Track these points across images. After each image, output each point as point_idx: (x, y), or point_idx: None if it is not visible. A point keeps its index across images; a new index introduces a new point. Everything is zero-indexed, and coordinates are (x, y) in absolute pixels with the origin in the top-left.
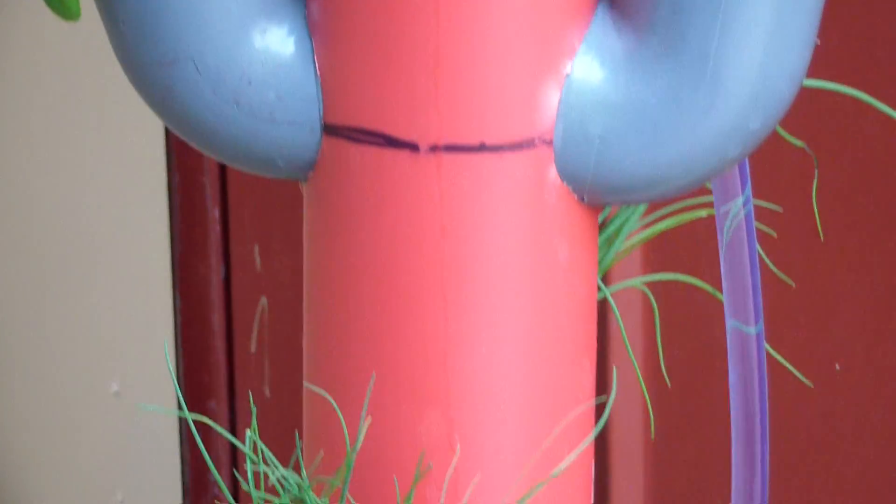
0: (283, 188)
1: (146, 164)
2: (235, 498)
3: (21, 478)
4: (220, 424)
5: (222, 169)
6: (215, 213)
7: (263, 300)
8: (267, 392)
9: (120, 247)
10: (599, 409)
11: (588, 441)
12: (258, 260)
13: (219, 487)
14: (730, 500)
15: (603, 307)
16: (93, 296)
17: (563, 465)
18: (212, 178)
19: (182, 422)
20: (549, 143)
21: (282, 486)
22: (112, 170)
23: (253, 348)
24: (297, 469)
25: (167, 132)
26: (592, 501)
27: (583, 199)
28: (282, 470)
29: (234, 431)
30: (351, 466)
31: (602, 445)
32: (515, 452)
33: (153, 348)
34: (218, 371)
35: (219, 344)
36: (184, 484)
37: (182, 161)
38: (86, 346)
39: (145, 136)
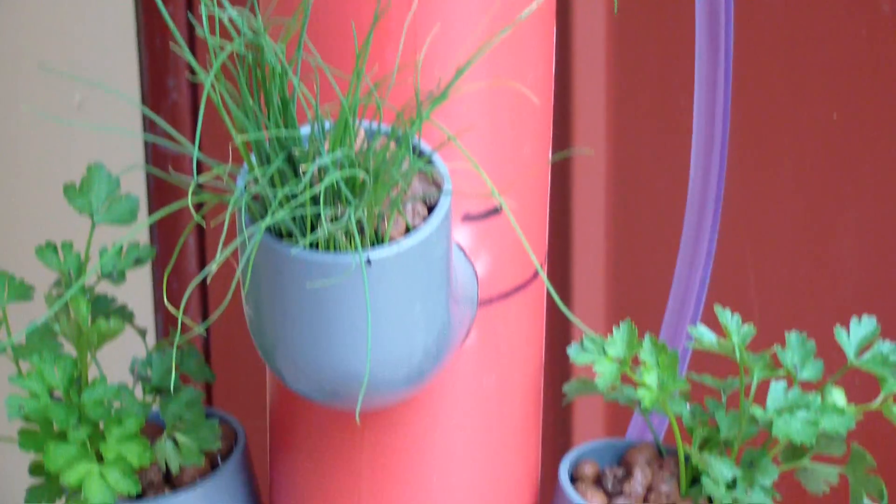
0: None
1: None
2: (192, 52)
3: None
4: (180, 70)
5: None
6: None
7: None
8: None
9: None
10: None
11: None
12: None
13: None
14: (692, 99)
15: None
16: None
17: (527, 12)
18: None
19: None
20: None
21: (236, 29)
22: None
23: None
24: (253, 13)
25: None
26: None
27: None
28: (234, 11)
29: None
30: (309, 9)
31: (564, 22)
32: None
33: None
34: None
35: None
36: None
37: None
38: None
39: None
